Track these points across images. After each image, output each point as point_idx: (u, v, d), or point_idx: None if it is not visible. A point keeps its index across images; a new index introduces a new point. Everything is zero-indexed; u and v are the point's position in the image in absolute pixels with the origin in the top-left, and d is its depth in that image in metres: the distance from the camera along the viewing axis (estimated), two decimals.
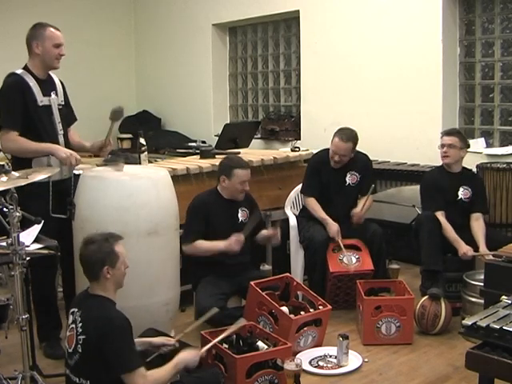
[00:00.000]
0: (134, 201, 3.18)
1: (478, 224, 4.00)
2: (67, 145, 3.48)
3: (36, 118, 3.34)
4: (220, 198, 3.84)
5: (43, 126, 3.37)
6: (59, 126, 3.44)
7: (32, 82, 3.35)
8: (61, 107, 3.49)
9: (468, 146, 4.20)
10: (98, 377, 2.45)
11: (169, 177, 3.46)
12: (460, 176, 4.14)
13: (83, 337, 2.45)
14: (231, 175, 3.76)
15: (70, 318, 2.57)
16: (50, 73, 3.52)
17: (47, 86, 3.44)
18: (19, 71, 3.40)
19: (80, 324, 2.48)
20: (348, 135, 4.19)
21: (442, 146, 4.12)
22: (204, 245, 3.68)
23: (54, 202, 3.32)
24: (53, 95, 3.44)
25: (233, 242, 3.64)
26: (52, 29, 3.39)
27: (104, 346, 2.40)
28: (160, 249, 3.25)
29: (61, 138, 3.44)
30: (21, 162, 3.26)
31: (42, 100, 3.36)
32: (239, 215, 3.86)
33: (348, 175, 4.32)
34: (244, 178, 3.78)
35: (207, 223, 3.73)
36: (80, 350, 2.45)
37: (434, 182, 4.14)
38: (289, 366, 2.81)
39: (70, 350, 2.51)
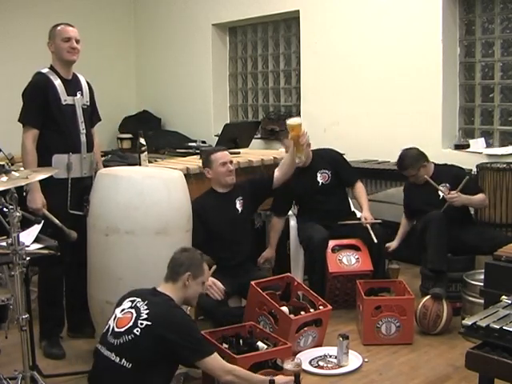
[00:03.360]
0: (144, 199, 3.18)
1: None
2: (89, 144, 3.56)
3: (59, 117, 3.42)
4: (216, 196, 3.84)
5: (65, 125, 3.44)
6: (82, 126, 3.51)
7: (57, 81, 3.44)
8: (85, 107, 3.56)
9: (424, 159, 4.11)
10: (143, 363, 2.50)
11: (183, 178, 3.43)
12: (433, 179, 4.07)
13: (148, 323, 2.51)
14: (210, 162, 3.80)
15: (127, 304, 2.62)
16: (77, 74, 3.60)
17: (73, 85, 3.51)
18: (45, 70, 3.49)
19: (147, 311, 2.54)
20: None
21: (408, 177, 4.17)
22: None
23: (73, 199, 3.43)
24: (78, 95, 3.52)
25: (212, 287, 3.47)
26: (62, 25, 3.50)
27: (176, 337, 2.51)
28: (169, 249, 3.16)
29: (83, 138, 3.51)
30: (43, 160, 3.39)
31: (65, 99, 3.45)
32: (237, 206, 3.86)
33: (318, 175, 4.32)
34: (222, 159, 3.79)
35: (207, 227, 3.69)
36: (138, 333, 2.50)
37: (409, 193, 4.25)
38: (289, 365, 2.81)
39: (118, 330, 2.54)
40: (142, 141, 4.13)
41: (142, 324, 2.52)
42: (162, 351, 2.51)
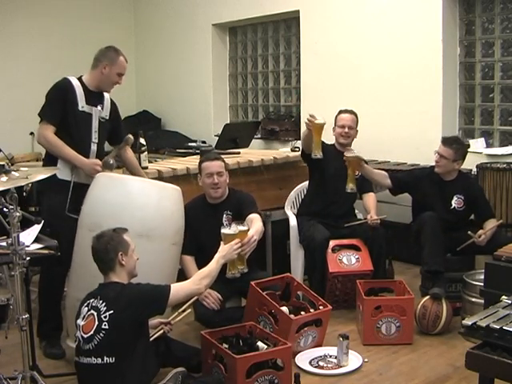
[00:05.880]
0: (131, 200, 3.16)
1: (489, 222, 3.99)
2: (99, 154, 3.58)
3: (73, 121, 3.45)
4: (205, 205, 3.77)
5: (78, 130, 3.47)
6: (94, 135, 3.53)
7: (78, 89, 3.47)
8: (103, 121, 3.58)
9: (464, 158, 4.04)
10: (123, 351, 2.58)
11: (179, 194, 3.39)
12: (453, 184, 4.05)
13: (110, 312, 2.59)
14: (201, 170, 3.73)
15: (85, 309, 2.67)
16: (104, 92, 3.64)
17: (95, 97, 3.54)
18: (71, 78, 3.52)
19: (103, 304, 2.61)
20: (349, 110, 4.38)
21: (437, 153, 4.01)
22: (187, 270, 3.61)
23: (72, 203, 3.42)
24: (98, 107, 3.54)
25: (208, 297, 3.48)
26: (123, 58, 3.55)
27: (138, 309, 2.62)
28: (149, 255, 3.10)
29: (93, 146, 3.53)
30: (50, 160, 3.48)
31: (83, 106, 3.47)
32: (224, 219, 3.71)
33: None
34: (210, 169, 3.67)
35: (192, 233, 3.61)
36: (106, 327, 2.57)
37: (419, 181, 4.12)
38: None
39: (88, 335, 2.60)
40: (142, 141, 4.13)
41: (106, 317, 2.59)
42: (135, 327, 2.62)
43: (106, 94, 3.64)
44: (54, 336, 3.53)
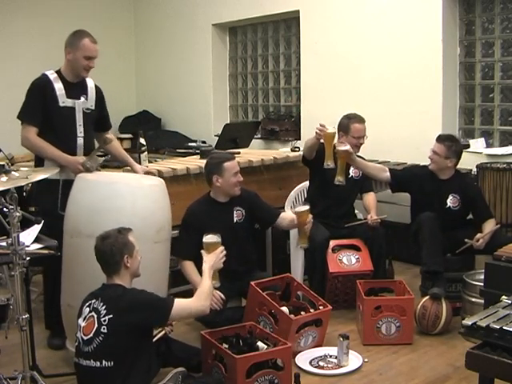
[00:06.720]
0: (106, 204, 3.12)
1: (489, 224, 3.97)
2: (87, 148, 3.55)
3: (55, 118, 3.43)
4: (214, 204, 3.74)
5: (62, 127, 3.44)
6: (79, 129, 3.50)
7: (57, 84, 3.43)
8: (89, 111, 3.54)
9: (457, 156, 3.99)
10: (122, 356, 2.57)
11: (159, 188, 3.32)
12: (449, 183, 4.03)
13: (109, 316, 2.57)
14: (222, 170, 3.67)
15: (87, 310, 2.65)
16: (86, 78, 3.59)
17: (76, 89, 3.50)
18: (49, 72, 3.48)
19: (104, 307, 2.60)
20: (359, 117, 4.28)
21: (431, 150, 4.02)
22: (189, 274, 3.61)
23: (64, 201, 3.39)
24: (82, 99, 3.50)
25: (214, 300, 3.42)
26: (88, 40, 3.48)
27: (138, 315, 2.59)
28: None
29: (79, 140, 3.50)
30: (39, 161, 3.51)
31: (64, 101, 3.43)
32: (234, 215, 3.75)
33: (352, 168, 4.30)
34: (235, 168, 3.71)
35: (196, 237, 3.51)
36: (105, 331, 2.55)
37: (417, 179, 4.11)
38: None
39: (87, 337, 2.59)
40: (142, 141, 4.13)
41: (105, 321, 2.57)
42: (134, 334, 2.60)
43: (89, 83, 3.59)
44: (57, 328, 3.52)
